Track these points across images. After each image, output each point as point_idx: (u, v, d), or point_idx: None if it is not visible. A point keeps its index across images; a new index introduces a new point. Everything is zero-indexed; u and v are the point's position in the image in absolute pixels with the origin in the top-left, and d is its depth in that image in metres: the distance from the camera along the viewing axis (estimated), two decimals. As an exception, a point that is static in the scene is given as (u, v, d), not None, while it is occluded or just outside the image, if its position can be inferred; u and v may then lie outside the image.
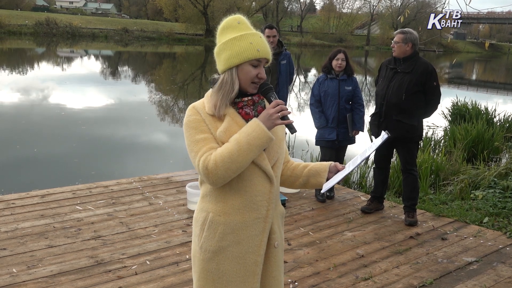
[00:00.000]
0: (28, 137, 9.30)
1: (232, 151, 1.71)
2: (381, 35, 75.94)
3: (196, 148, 1.78)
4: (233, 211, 1.83)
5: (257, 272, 1.89)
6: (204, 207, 1.89)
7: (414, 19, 68.19)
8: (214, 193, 1.86)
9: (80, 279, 3.25)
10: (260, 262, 1.89)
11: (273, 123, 1.75)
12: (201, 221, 1.89)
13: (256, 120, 1.75)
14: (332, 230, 4.40)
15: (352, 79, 5.13)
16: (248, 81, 1.80)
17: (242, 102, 1.85)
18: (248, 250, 1.86)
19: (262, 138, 1.73)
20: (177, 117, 13.24)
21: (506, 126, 10.15)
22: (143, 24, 60.72)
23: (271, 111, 1.74)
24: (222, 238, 1.84)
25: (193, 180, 5.41)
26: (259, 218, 1.86)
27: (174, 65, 31.41)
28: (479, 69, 50.74)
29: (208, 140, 1.79)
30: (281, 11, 77.09)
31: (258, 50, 1.78)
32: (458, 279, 3.56)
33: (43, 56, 31.28)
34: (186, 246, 3.84)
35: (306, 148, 7.92)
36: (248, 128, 1.74)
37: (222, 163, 1.71)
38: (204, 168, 1.73)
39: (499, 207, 5.19)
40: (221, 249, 1.84)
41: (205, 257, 1.86)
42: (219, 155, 1.72)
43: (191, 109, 1.86)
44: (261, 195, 1.85)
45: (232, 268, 1.85)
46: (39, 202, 4.64)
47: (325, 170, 1.99)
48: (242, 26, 1.82)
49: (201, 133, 1.80)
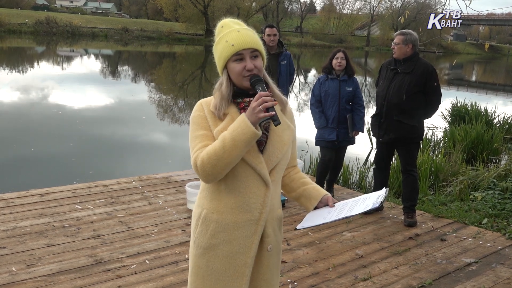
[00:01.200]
0: (26, 136, 9.28)
1: (217, 148, 1.71)
2: (381, 36, 75.98)
3: (193, 144, 1.81)
4: (226, 210, 1.83)
5: (246, 274, 1.87)
6: (200, 203, 1.92)
7: (414, 20, 68.16)
8: (210, 190, 1.88)
9: (79, 278, 3.25)
10: (250, 264, 1.87)
11: (257, 117, 1.67)
12: (197, 216, 1.92)
13: (242, 115, 1.71)
14: (331, 231, 4.40)
15: (352, 80, 5.13)
16: (238, 77, 1.79)
17: (243, 102, 1.84)
18: (238, 250, 1.85)
19: (247, 134, 1.68)
20: (177, 117, 13.25)
21: (506, 127, 10.17)
22: (143, 23, 60.72)
23: (254, 105, 1.68)
24: (213, 235, 1.85)
25: (192, 179, 5.41)
26: (252, 220, 1.85)
27: (174, 64, 31.42)
28: (479, 71, 50.79)
29: (205, 137, 1.80)
30: (281, 11, 77.13)
31: (232, 45, 1.76)
32: (457, 280, 3.57)
33: (43, 55, 31.28)
34: (186, 246, 3.84)
35: (306, 148, 7.92)
36: (234, 124, 1.72)
37: (208, 160, 1.71)
38: (194, 165, 1.77)
39: (498, 208, 5.19)
40: (212, 246, 1.85)
41: (197, 253, 1.89)
42: (205, 152, 1.73)
43: (198, 105, 1.88)
44: (255, 198, 1.84)
45: (222, 266, 1.85)
46: (39, 201, 4.64)
47: (317, 199, 1.98)
48: (224, 29, 1.83)
49: (201, 130, 1.82)
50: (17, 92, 14.90)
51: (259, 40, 1.84)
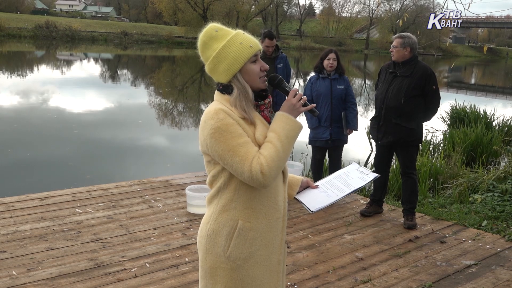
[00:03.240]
0: (25, 140, 9.29)
1: (277, 149, 1.71)
2: (380, 39, 76.05)
3: (241, 152, 1.69)
4: (260, 214, 1.82)
5: (280, 271, 1.92)
6: (230, 215, 1.80)
7: (413, 23, 68.21)
8: (240, 200, 1.80)
9: (79, 282, 3.26)
10: (283, 260, 1.93)
11: (298, 111, 1.79)
12: (227, 230, 1.80)
13: (283, 114, 1.78)
14: (331, 233, 4.41)
15: (343, 78, 5.18)
16: (255, 78, 1.80)
17: (264, 104, 1.85)
18: (273, 250, 1.87)
19: (296, 129, 1.77)
20: (177, 120, 13.26)
21: (505, 130, 10.17)
22: (142, 27, 60.82)
23: (294, 101, 1.79)
24: (252, 243, 1.81)
25: (192, 183, 5.42)
26: (279, 217, 1.88)
27: (174, 68, 31.45)
28: (478, 73, 50.85)
29: (251, 144, 1.73)
30: (280, 15, 77.23)
31: (251, 46, 1.78)
32: (457, 282, 3.57)
33: (43, 59, 31.31)
34: (186, 249, 3.85)
35: (306, 151, 7.93)
36: (280, 123, 1.76)
37: (273, 163, 1.70)
38: (259, 172, 1.67)
39: (498, 210, 5.20)
40: (251, 254, 1.82)
41: (234, 266, 1.80)
42: (268, 156, 1.69)
43: (221, 113, 1.72)
44: (281, 195, 1.88)
45: (261, 271, 1.85)
46: (39, 204, 4.64)
47: (298, 184, 2.07)
48: (221, 32, 1.79)
49: (241, 137, 1.71)
50: (17, 96, 14.92)
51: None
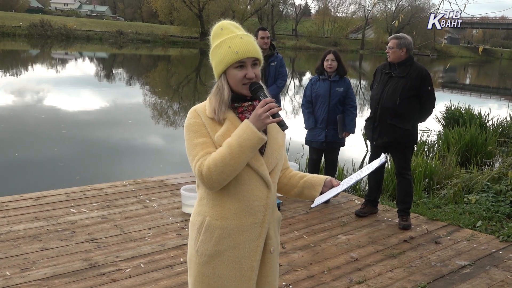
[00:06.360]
0: (19, 139, 9.24)
1: (224, 155, 1.70)
2: (375, 39, 76.25)
3: (194, 152, 1.78)
4: (230, 215, 1.82)
5: (253, 277, 1.88)
6: (201, 210, 1.88)
7: (408, 23, 68.59)
8: (211, 197, 1.85)
9: (74, 282, 3.24)
10: (256, 267, 1.88)
11: (263, 123, 1.71)
12: (198, 224, 1.88)
13: (246, 122, 1.73)
14: (326, 234, 4.41)
15: (344, 80, 5.14)
16: (237, 84, 1.79)
17: (242, 107, 1.85)
18: (244, 255, 1.85)
19: (253, 139, 1.70)
20: (172, 120, 13.23)
21: (499, 130, 10.22)
22: (138, 26, 60.65)
23: (260, 111, 1.71)
24: (218, 242, 1.83)
25: (188, 183, 5.41)
26: (256, 223, 1.86)
27: (169, 67, 31.39)
28: (473, 74, 51.07)
29: (206, 145, 1.78)
30: (276, 14, 77.32)
31: (237, 53, 1.75)
32: (451, 283, 3.58)
33: (37, 58, 31.17)
34: (181, 249, 3.84)
35: (302, 152, 7.93)
36: (239, 130, 1.73)
37: (215, 167, 1.70)
38: (199, 173, 1.74)
39: (492, 211, 5.22)
40: (217, 253, 1.83)
41: (201, 261, 1.86)
42: (212, 159, 1.72)
43: (192, 112, 1.84)
44: (258, 200, 1.85)
45: (228, 272, 1.84)
46: (33, 204, 4.62)
47: (320, 184, 1.98)
48: (224, 31, 1.81)
49: (200, 137, 1.79)
50: (11, 95, 14.84)
51: (259, 48, 1.84)
